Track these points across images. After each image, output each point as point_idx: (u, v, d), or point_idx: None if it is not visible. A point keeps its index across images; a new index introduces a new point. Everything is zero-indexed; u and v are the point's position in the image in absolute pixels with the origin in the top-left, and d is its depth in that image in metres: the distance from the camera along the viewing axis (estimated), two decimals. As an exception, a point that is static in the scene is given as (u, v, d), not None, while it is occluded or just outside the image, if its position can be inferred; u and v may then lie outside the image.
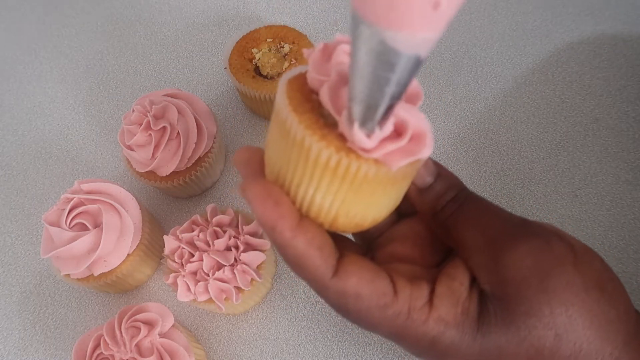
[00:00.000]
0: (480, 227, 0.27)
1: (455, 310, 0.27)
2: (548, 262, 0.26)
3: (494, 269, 0.27)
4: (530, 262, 0.26)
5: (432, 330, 0.27)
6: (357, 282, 0.26)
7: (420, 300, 0.27)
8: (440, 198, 0.29)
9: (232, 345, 0.46)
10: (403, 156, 0.23)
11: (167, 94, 0.49)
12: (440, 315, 0.27)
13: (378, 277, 0.27)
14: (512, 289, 0.26)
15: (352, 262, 0.27)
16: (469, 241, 0.28)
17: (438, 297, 0.27)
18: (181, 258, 0.42)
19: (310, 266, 0.26)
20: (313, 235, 0.25)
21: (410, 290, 0.27)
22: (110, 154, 0.55)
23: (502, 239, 0.27)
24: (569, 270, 0.26)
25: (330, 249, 0.26)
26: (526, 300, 0.26)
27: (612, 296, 0.27)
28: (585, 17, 0.56)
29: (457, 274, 0.28)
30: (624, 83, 0.52)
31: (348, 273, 0.26)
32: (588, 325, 0.26)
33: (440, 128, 0.52)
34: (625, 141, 0.49)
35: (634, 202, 0.47)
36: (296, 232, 0.25)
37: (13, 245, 0.52)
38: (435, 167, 0.29)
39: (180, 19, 0.62)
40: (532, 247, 0.26)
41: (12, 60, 0.62)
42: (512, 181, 0.49)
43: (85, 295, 0.49)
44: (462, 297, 0.27)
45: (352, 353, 0.44)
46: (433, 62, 0.55)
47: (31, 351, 0.48)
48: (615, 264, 0.45)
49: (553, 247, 0.27)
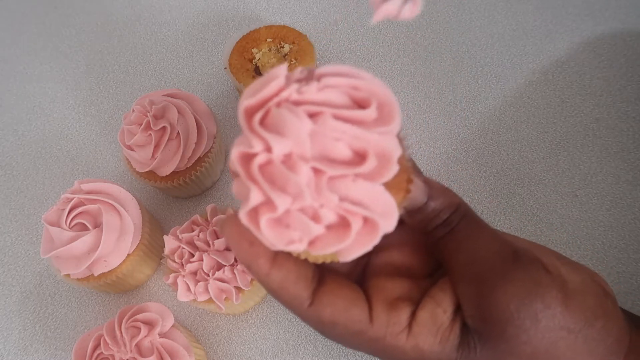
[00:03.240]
0: (469, 258, 0.27)
1: (434, 340, 0.27)
2: (534, 305, 0.26)
3: (479, 304, 0.27)
4: (514, 306, 0.26)
5: (407, 356, 0.27)
6: (331, 312, 0.27)
7: (397, 326, 0.27)
8: (432, 220, 0.28)
9: (232, 345, 0.46)
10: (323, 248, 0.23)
11: (167, 94, 0.48)
12: (418, 344, 0.27)
13: (353, 306, 0.27)
14: (494, 328, 0.26)
15: (328, 292, 0.27)
16: (456, 270, 0.28)
17: (418, 324, 0.27)
18: (181, 258, 0.42)
19: (286, 298, 0.27)
20: (287, 271, 0.26)
21: (387, 317, 0.27)
22: (110, 154, 0.55)
23: (489, 276, 0.27)
24: (555, 313, 0.26)
25: (305, 281, 0.27)
26: (507, 341, 0.26)
27: (602, 331, 0.27)
28: (585, 17, 0.56)
29: (443, 300, 0.28)
30: (624, 83, 0.52)
31: (323, 303, 0.27)
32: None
33: (440, 128, 0.52)
34: (625, 141, 0.49)
35: (634, 202, 0.47)
36: (271, 269, 0.26)
37: (13, 245, 0.52)
38: (428, 188, 0.27)
39: (180, 19, 0.62)
40: (519, 289, 0.26)
41: (12, 60, 0.62)
42: (512, 181, 0.49)
43: (85, 295, 0.49)
44: (443, 325, 0.27)
45: (352, 353, 0.44)
46: (433, 62, 0.55)
47: (31, 351, 0.48)
48: (615, 264, 0.45)
49: (541, 288, 0.26)
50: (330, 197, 0.22)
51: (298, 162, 0.21)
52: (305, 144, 0.21)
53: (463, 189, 0.49)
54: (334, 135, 0.22)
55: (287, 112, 0.21)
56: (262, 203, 0.22)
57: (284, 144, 0.21)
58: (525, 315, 0.26)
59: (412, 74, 0.55)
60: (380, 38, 0.57)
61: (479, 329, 0.27)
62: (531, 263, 0.27)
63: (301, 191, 0.21)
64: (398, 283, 0.29)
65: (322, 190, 0.22)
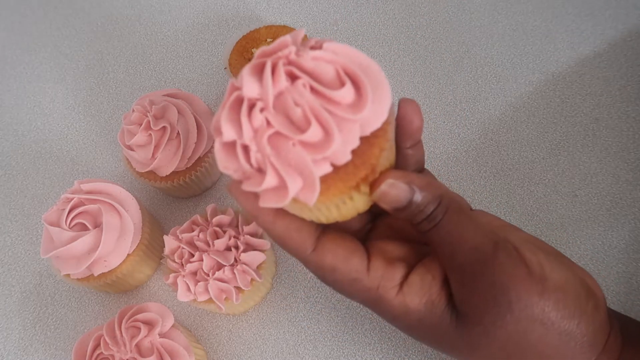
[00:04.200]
0: (452, 250, 0.29)
1: (420, 300, 0.30)
2: (509, 296, 0.28)
3: (461, 291, 0.29)
4: (491, 296, 0.28)
5: (394, 309, 0.30)
6: (332, 259, 0.30)
7: (390, 281, 0.30)
8: (417, 215, 0.29)
9: (232, 345, 0.46)
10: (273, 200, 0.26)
11: (167, 94, 0.49)
12: (405, 301, 0.30)
13: (353, 255, 0.30)
14: (472, 311, 0.29)
15: (330, 240, 0.30)
16: (442, 259, 0.30)
17: (408, 284, 0.30)
18: (181, 258, 0.42)
19: (290, 245, 0.30)
20: (290, 221, 0.29)
21: (383, 272, 0.30)
22: (110, 154, 0.55)
23: (469, 267, 0.29)
24: (529, 305, 0.28)
25: (308, 230, 0.29)
26: (484, 325, 0.29)
27: (579, 326, 0.29)
28: (585, 17, 0.56)
29: (433, 269, 0.31)
30: (624, 83, 0.52)
31: (325, 249, 0.30)
32: (550, 354, 0.29)
33: (440, 128, 0.52)
34: (625, 141, 0.49)
35: (634, 202, 0.47)
36: (276, 218, 0.29)
37: (13, 245, 0.52)
38: (410, 187, 0.28)
39: (180, 19, 0.62)
40: (495, 281, 0.28)
41: (12, 60, 0.62)
42: (512, 181, 0.49)
43: (85, 295, 0.49)
44: (430, 290, 0.30)
45: (352, 353, 0.44)
46: (433, 62, 0.55)
47: (31, 351, 0.48)
48: (616, 264, 0.45)
49: (517, 282, 0.28)
50: (265, 145, 0.25)
51: (256, 108, 0.25)
52: (268, 96, 0.25)
53: (463, 189, 0.49)
54: (296, 99, 0.25)
55: (268, 67, 0.25)
56: (219, 127, 0.26)
57: (253, 89, 0.25)
58: (500, 303, 0.28)
59: (412, 74, 0.55)
60: (380, 38, 0.57)
61: (460, 309, 0.30)
62: (509, 256, 0.29)
63: (244, 130, 0.25)
64: (398, 246, 0.32)
65: (263, 137, 0.25)
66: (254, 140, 0.25)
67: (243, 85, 0.25)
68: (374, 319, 0.45)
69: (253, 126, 0.25)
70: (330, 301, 0.46)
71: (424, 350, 0.44)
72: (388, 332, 0.45)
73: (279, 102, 0.25)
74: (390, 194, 0.27)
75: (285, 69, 0.25)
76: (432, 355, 0.43)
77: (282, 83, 0.25)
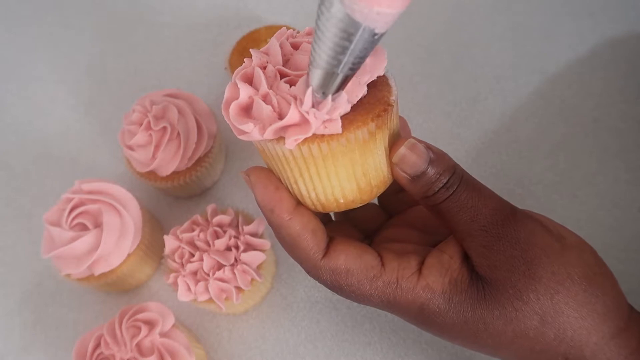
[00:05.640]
0: (472, 214, 0.29)
1: (443, 280, 0.29)
2: (534, 252, 0.28)
3: (485, 254, 0.29)
4: (517, 252, 0.28)
5: (419, 297, 0.29)
6: (345, 259, 0.29)
7: (408, 270, 0.30)
8: (433, 184, 0.29)
9: (232, 345, 0.46)
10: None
11: (167, 94, 0.49)
12: (428, 283, 0.29)
13: (365, 253, 0.30)
14: (501, 274, 0.28)
15: (340, 242, 0.30)
16: (461, 227, 0.30)
17: (427, 267, 0.30)
18: (181, 258, 0.42)
19: (304, 247, 0.29)
20: (308, 220, 0.28)
21: (398, 262, 0.30)
22: (111, 154, 0.55)
23: (492, 228, 0.29)
24: (554, 260, 0.28)
25: (322, 233, 0.29)
26: (514, 286, 0.28)
27: (600, 288, 0.29)
28: (585, 18, 0.56)
29: (447, 248, 0.30)
30: (624, 83, 0.52)
31: (337, 252, 0.29)
32: (573, 313, 0.28)
33: (440, 128, 0.52)
34: (625, 141, 0.49)
35: (634, 202, 0.47)
36: (293, 214, 0.28)
37: (14, 245, 0.52)
38: (428, 153, 0.29)
39: (180, 19, 0.62)
40: (520, 238, 0.28)
41: (12, 60, 0.62)
42: (512, 181, 0.49)
43: (86, 295, 0.49)
44: (450, 268, 0.30)
45: (352, 353, 0.44)
46: (433, 62, 0.55)
47: (31, 351, 0.48)
48: (616, 264, 0.45)
49: (539, 238, 0.29)
50: (284, 87, 0.27)
51: (268, 66, 0.27)
52: (277, 57, 0.28)
53: (463, 189, 0.49)
54: (304, 57, 0.28)
55: (273, 41, 0.28)
56: (234, 92, 0.28)
57: (261, 57, 0.28)
58: (528, 261, 0.28)
59: (412, 74, 0.55)
60: (380, 38, 0.57)
61: (487, 276, 0.29)
62: (528, 217, 0.30)
63: (262, 82, 0.27)
64: (404, 245, 0.32)
65: (280, 82, 0.27)
66: (272, 88, 0.27)
67: (254, 58, 0.28)
68: (374, 319, 0.45)
69: (267, 76, 0.27)
70: (330, 301, 0.46)
71: (424, 351, 0.44)
72: (388, 332, 0.45)
73: (287, 63, 0.28)
74: (410, 158, 0.28)
75: (290, 42, 0.29)
76: (432, 355, 0.43)
77: (287, 48, 0.28)
